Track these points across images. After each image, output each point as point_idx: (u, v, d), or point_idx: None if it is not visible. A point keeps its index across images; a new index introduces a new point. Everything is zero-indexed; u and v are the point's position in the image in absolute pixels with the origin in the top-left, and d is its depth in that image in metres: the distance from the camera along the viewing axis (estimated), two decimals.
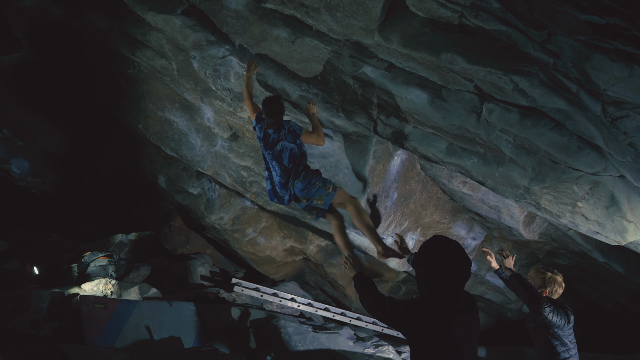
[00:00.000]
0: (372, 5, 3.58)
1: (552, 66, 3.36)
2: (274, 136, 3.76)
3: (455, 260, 2.03)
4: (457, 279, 2.04)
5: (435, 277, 2.04)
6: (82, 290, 4.56)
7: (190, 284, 6.10)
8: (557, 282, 3.21)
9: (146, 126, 6.12)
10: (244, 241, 6.95)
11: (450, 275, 2.03)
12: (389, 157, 4.78)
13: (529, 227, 5.45)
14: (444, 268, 2.03)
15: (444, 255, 2.04)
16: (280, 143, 3.76)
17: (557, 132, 3.29)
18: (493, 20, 3.39)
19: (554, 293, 3.21)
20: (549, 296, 3.19)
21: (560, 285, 3.22)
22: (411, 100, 3.84)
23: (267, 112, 3.71)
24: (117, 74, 5.87)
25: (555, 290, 3.21)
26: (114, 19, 5.21)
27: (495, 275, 6.48)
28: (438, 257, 2.05)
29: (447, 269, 2.02)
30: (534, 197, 3.62)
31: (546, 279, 3.21)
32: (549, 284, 3.20)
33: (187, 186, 6.67)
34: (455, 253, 2.05)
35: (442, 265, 2.03)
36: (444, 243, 2.08)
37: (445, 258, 2.03)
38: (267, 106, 3.69)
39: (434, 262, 2.05)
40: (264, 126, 3.81)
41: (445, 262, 2.03)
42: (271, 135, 3.77)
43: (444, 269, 2.03)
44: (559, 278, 3.23)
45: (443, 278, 2.03)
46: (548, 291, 3.19)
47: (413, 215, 5.51)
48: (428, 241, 2.14)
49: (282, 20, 4.19)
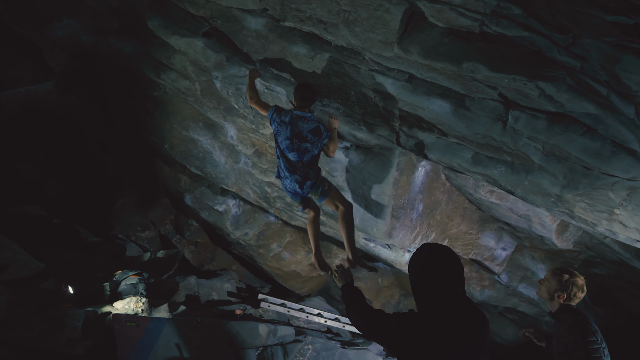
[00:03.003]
0: (391, 18, 3.59)
1: (579, 70, 3.27)
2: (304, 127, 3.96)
3: (444, 263, 1.91)
4: (449, 285, 1.90)
5: (425, 285, 1.93)
6: (115, 308, 4.65)
7: (217, 301, 6.14)
8: (576, 285, 2.79)
9: (172, 146, 6.26)
10: (269, 256, 6.97)
11: (440, 280, 1.90)
12: (412, 169, 4.72)
13: (562, 236, 5.26)
14: (432, 273, 1.91)
15: (431, 260, 1.94)
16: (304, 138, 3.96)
17: (588, 138, 3.18)
18: (515, 27, 3.33)
19: (573, 298, 2.79)
20: (567, 302, 2.79)
21: (580, 289, 2.79)
22: (433, 110, 3.80)
23: (299, 96, 3.98)
24: (143, 97, 6.05)
25: (575, 294, 2.79)
26: (140, 44, 5.39)
27: (529, 287, 6.29)
28: (426, 263, 1.94)
29: (436, 274, 1.91)
30: (567, 205, 3.49)
31: (563, 282, 2.78)
32: (567, 288, 2.78)
33: (212, 203, 6.76)
34: (444, 256, 1.93)
35: (430, 270, 1.92)
36: (430, 248, 1.99)
37: (433, 262, 1.93)
38: (300, 90, 4.01)
39: (422, 268, 1.94)
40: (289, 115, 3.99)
41: (433, 266, 1.92)
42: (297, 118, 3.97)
43: (432, 274, 1.91)
44: (579, 280, 2.80)
45: (433, 284, 1.90)
46: (566, 296, 2.78)
47: (439, 227, 5.41)
48: (416, 251, 2.05)
49: (301, 38, 4.25)
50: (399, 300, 7.11)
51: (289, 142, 3.99)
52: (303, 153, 4.01)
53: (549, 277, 2.88)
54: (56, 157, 7.05)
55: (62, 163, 7.06)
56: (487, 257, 5.98)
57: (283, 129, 4.02)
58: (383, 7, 3.59)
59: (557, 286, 2.81)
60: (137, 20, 5.24)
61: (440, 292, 1.90)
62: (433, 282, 1.91)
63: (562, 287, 2.79)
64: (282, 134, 4.03)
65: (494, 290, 6.47)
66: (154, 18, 5.02)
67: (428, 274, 1.92)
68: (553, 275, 2.86)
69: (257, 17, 4.37)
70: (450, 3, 3.37)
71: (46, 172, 6.97)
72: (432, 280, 1.91)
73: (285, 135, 4.01)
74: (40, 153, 6.98)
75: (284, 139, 4.02)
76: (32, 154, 6.92)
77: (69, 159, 7.09)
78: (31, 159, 6.87)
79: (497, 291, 6.48)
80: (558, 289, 2.81)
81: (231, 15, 4.54)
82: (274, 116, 4.09)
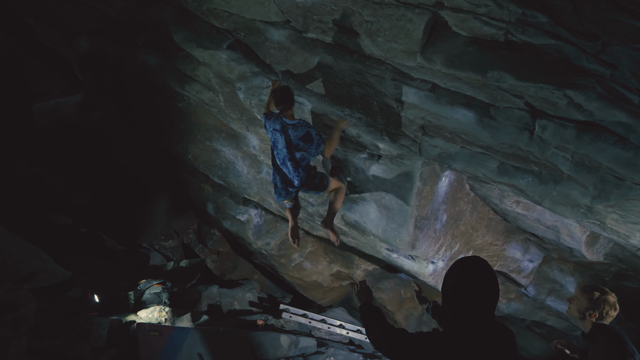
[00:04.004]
0: (414, 28, 3.57)
1: (609, 78, 3.19)
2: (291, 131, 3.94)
3: (484, 278, 1.80)
4: (482, 306, 1.80)
5: (462, 300, 1.81)
6: (138, 317, 4.70)
7: (239, 311, 6.16)
8: (608, 303, 2.63)
9: (195, 156, 6.35)
10: (291, 266, 6.96)
11: (474, 301, 1.79)
12: (436, 179, 4.66)
13: (592, 248, 5.09)
14: (471, 288, 1.80)
15: (472, 274, 1.82)
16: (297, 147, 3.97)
17: (619, 147, 3.08)
18: (541, 35, 3.27)
19: (605, 317, 2.64)
20: (599, 322, 2.63)
21: (613, 307, 2.63)
22: (457, 120, 3.75)
23: (277, 99, 3.91)
24: (168, 108, 6.17)
25: (608, 313, 2.63)
26: (165, 56, 5.51)
27: (557, 300, 6.10)
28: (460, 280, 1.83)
29: (475, 289, 1.80)
30: (598, 216, 3.38)
31: (594, 300, 2.62)
32: (599, 306, 2.62)
33: (234, 213, 6.81)
34: (480, 273, 1.82)
35: (469, 286, 1.81)
36: (465, 264, 1.88)
37: (473, 277, 1.81)
38: (279, 94, 3.92)
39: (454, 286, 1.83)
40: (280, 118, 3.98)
41: (472, 280, 1.81)
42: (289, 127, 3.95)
43: (471, 290, 1.80)
44: (611, 298, 2.64)
45: (471, 300, 1.79)
46: (597, 314, 2.63)
47: (464, 238, 5.32)
48: (451, 265, 1.94)
49: (324, 48, 4.27)
50: (422, 313, 6.99)
51: (286, 152, 4.01)
52: (299, 162, 4.03)
53: (578, 295, 2.74)
54: (83, 167, 7.24)
55: (89, 173, 7.24)
56: (514, 269, 5.84)
57: (278, 137, 4.03)
58: (406, 17, 3.58)
59: (588, 304, 2.67)
60: (162, 34, 5.37)
61: (472, 312, 1.80)
62: (465, 301, 1.81)
63: (593, 306, 2.65)
64: (279, 143, 4.04)
65: (520, 304, 6.30)
66: (179, 31, 5.14)
67: (461, 293, 1.83)
68: (583, 293, 2.72)
69: (280, 29, 4.42)
70: (474, 12, 3.33)
71: (73, 181, 7.15)
72: (464, 299, 1.81)
73: (282, 145, 4.02)
74: (68, 163, 7.18)
75: (281, 147, 4.04)
76: (61, 164, 7.13)
77: (96, 169, 7.27)
78: (60, 169, 7.07)
79: (524, 304, 6.31)
80: (589, 307, 2.67)
81: (254, 27, 4.60)
82: (268, 124, 4.10)
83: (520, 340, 7.03)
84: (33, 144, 6.98)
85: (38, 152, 6.99)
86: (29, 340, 3.83)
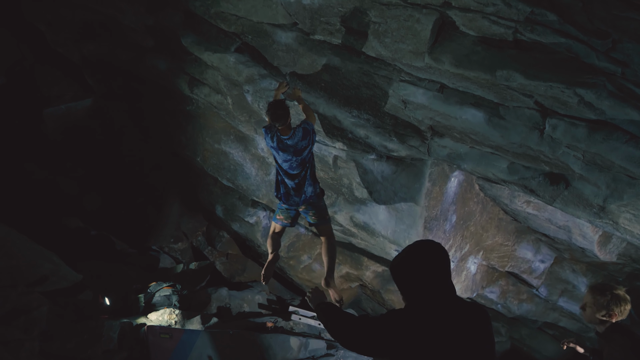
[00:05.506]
0: (421, 28, 3.56)
1: (620, 75, 3.15)
2: (289, 142, 3.89)
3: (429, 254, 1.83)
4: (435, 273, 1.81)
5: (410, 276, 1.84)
6: (149, 320, 4.73)
7: (248, 313, 6.16)
8: (621, 298, 2.57)
9: (204, 159, 6.38)
10: (300, 268, 6.95)
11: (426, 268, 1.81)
12: (445, 179, 4.64)
13: (604, 248, 5.03)
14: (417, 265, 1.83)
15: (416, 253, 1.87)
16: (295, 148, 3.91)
17: (632, 146, 3.04)
18: (550, 33, 3.25)
19: (623, 313, 2.58)
20: (620, 319, 2.56)
21: (625, 301, 2.58)
22: (466, 120, 3.73)
23: (272, 117, 3.82)
24: (177, 112, 6.21)
25: (624, 308, 2.57)
26: (174, 60, 5.56)
27: (570, 301, 6.02)
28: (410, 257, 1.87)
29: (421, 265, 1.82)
30: (611, 216, 3.34)
31: (610, 302, 2.56)
32: (616, 305, 2.55)
33: (243, 215, 6.83)
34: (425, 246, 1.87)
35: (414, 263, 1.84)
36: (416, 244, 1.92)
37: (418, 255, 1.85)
38: (271, 110, 3.82)
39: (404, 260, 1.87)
40: (276, 135, 3.93)
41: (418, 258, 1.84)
42: (287, 142, 3.90)
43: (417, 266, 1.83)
44: (620, 292, 2.60)
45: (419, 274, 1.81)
46: (617, 313, 2.56)
47: (474, 238, 5.28)
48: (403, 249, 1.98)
49: (331, 50, 4.27)
50: None
51: (289, 163, 3.98)
52: (303, 163, 3.99)
53: (589, 300, 2.67)
54: (94, 171, 7.31)
55: (100, 176, 7.31)
56: (525, 269, 5.78)
57: (275, 153, 4.00)
58: (413, 18, 3.57)
59: (605, 307, 2.59)
60: (171, 38, 5.41)
61: (428, 281, 1.81)
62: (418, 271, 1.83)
63: (609, 307, 2.58)
64: (279, 158, 4.01)
65: (532, 305, 6.23)
66: (188, 35, 5.17)
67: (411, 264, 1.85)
68: (594, 296, 2.64)
69: (287, 31, 4.43)
70: (482, 11, 3.32)
71: (85, 185, 7.23)
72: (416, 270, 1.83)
73: (283, 158, 3.98)
74: (79, 167, 7.25)
75: (282, 161, 4.00)
76: (72, 168, 7.20)
77: (106, 173, 7.34)
78: (71, 172, 7.14)
79: (536, 305, 6.24)
80: (605, 307, 2.59)
81: (262, 30, 4.62)
82: (267, 140, 4.03)
83: (533, 342, 6.95)
84: (45, 148, 7.07)
85: (50, 156, 7.08)
86: (41, 344, 3.87)
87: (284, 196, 4.12)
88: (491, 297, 6.08)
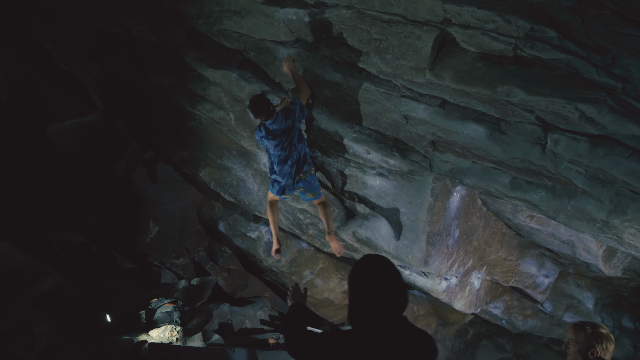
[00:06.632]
0: (422, 45, 3.60)
1: (620, 91, 3.16)
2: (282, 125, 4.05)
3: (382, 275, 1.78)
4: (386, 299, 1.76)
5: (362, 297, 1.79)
6: (150, 337, 4.69)
7: (250, 329, 6.11)
8: (604, 336, 2.55)
9: (206, 174, 6.40)
10: (302, 283, 6.91)
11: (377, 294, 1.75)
12: (447, 194, 4.63)
13: (609, 262, 4.98)
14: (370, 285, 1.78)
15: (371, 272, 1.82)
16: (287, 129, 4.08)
17: (635, 160, 3.04)
18: (550, 49, 3.27)
19: (606, 351, 2.55)
20: (602, 357, 2.54)
21: (609, 340, 2.56)
22: (468, 135, 3.74)
23: (254, 112, 4.08)
24: (179, 127, 6.25)
25: (607, 347, 2.54)
26: (177, 77, 5.61)
27: (575, 316, 5.95)
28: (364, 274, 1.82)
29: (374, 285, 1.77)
30: (615, 231, 3.32)
31: (590, 335, 2.54)
32: (597, 341, 2.53)
33: (245, 230, 6.81)
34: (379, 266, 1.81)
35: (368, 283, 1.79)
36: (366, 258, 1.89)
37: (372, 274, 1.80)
38: (251, 106, 4.09)
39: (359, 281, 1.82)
40: (262, 125, 4.11)
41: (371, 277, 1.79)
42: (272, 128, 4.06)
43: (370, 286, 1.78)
44: (603, 331, 2.58)
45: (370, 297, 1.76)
46: (600, 350, 2.53)
47: (477, 253, 5.24)
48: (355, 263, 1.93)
49: (332, 66, 4.31)
50: (436, 330, 6.87)
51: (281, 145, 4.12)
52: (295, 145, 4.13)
53: (572, 337, 2.63)
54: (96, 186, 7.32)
55: (102, 192, 7.32)
56: (529, 284, 5.73)
57: (266, 142, 4.17)
58: (414, 35, 3.61)
59: (587, 342, 2.55)
60: (174, 55, 5.47)
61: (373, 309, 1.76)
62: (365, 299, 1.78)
63: (590, 341, 2.54)
64: (270, 148, 4.19)
65: (537, 320, 6.16)
66: (190, 52, 5.24)
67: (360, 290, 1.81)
68: (575, 331, 2.62)
69: (289, 48, 4.48)
70: (482, 28, 3.35)
71: (87, 200, 7.24)
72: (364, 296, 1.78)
73: (272, 145, 4.15)
74: (81, 182, 7.27)
75: (273, 149, 4.16)
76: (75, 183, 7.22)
77: (108, 188, 7.35)
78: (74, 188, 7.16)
79: (540, 321, 6.17)
80: (587, 345, 2.55)
81: (264, 47, 4.67)
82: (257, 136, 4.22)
83: (539, 359, 6.85)
84: (48, 163, 7.10)
85: (53, 171, 7.11)
86: None
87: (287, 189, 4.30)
88: (495, 313, 6.01)
